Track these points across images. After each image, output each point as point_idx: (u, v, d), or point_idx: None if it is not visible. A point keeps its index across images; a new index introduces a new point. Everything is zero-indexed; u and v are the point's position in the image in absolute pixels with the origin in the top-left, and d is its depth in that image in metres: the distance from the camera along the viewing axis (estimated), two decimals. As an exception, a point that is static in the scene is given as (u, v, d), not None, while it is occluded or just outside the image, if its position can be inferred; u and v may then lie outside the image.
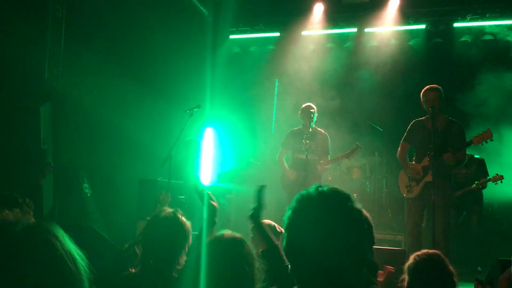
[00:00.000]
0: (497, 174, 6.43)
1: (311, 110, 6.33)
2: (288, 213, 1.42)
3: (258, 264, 2.25)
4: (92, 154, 6.90)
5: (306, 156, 6.04)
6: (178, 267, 2.57)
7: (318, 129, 6.54)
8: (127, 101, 7.59)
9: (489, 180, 6.55)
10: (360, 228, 1.37)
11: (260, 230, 2.55)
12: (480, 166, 6.96)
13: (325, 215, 1.35)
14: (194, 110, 6.30)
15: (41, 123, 6.24)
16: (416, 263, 2.39)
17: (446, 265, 2.40)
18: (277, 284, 2.37)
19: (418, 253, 2.48)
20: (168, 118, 7.64)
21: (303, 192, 1.42)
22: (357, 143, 6.33)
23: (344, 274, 1.33)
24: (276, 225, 3.83)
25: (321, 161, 6.26)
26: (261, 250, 2.52)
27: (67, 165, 6.66)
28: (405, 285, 2.38)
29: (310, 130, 6.24)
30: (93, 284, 1.28)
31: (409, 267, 2.42)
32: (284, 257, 2.46)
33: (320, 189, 1.39)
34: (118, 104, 7.28)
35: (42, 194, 4.00)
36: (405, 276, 2.42)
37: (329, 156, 6.43)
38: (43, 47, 6.46)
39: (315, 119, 6.37)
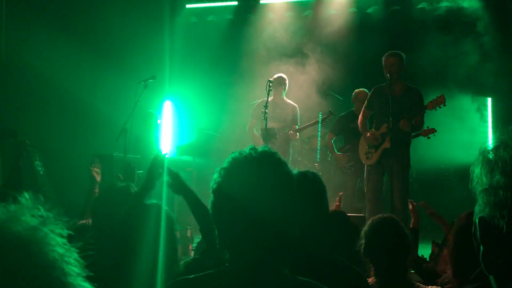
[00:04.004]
0: (428, 127, 5.29)
1: (281, 81, 6.39)
2: (216, 175, 1.36)
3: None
4: (41, 128, 6.56)
5: (265, 126, 5.99)
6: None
7: (288, 101, 6.62)
8: (80, 71, 7.24)
9: (419, 134, 5.42)
10: (291, 186, 1.36)
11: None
12: None
13: (259, 173, 1.32)
14: (149, 81, 6.08)
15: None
16: (372, 226, 2.40)
17: (401, 227, 2.42)
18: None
19: (374, 217, 2.49)
20: (124, 89, 7.35)
21: (235, 153, 1.37)
22: (330, 109, 6.61)
23: (277, 232, 1.29)
24: None
25: (291, 130, 6.36)
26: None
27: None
28: (362, 249, 2.38)
29: (279, 101, 6.35)
30: None
31: (364, 231, 2.43)
32: None
33: (251, 150, 1.36)
34: (70, 74, 6.94)
35: (21, 177, 3.69)
36: (362, 241, 2.41)
37: (297, 127, 6.53)
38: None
39: (285, 90, 6.48)
